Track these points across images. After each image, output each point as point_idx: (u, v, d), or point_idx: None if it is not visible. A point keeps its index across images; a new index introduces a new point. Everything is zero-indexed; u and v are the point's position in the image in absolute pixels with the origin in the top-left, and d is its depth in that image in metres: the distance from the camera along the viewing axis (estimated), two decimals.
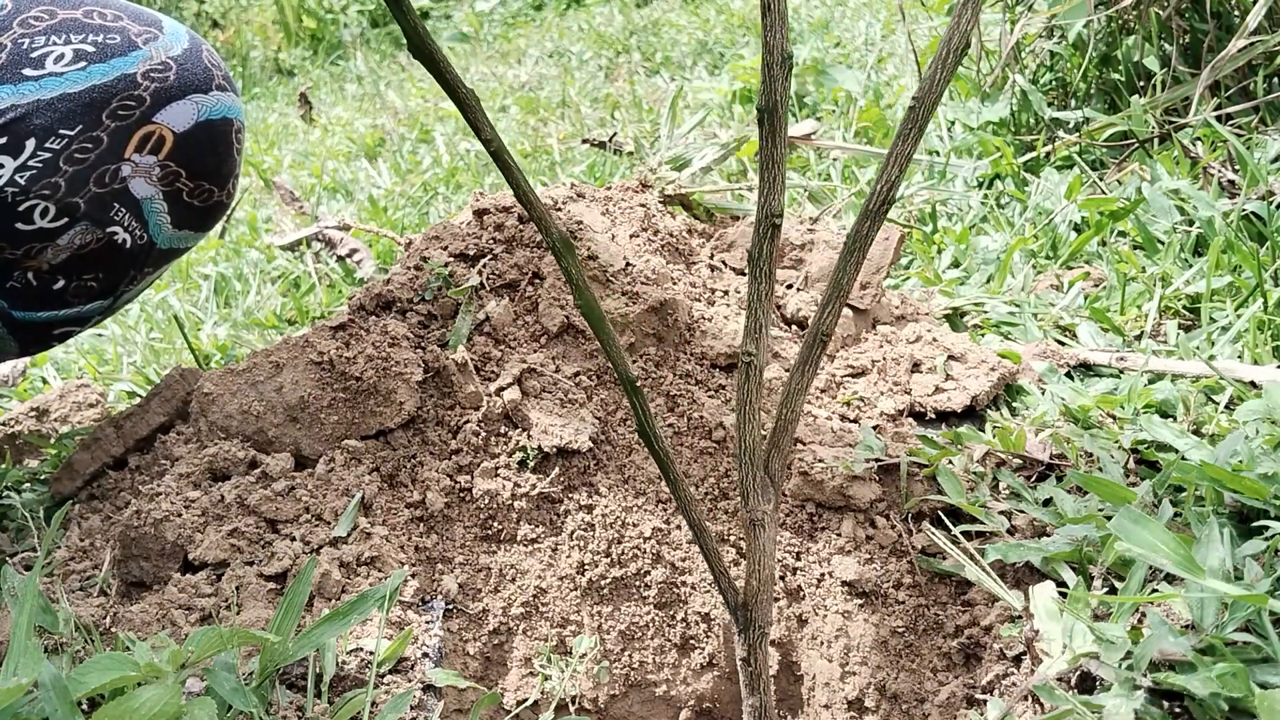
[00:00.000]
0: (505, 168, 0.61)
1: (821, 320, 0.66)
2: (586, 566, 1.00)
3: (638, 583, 1.00)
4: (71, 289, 1.11)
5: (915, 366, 1.06)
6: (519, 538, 1.02)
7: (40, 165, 0.99)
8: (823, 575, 0.98)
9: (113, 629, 0.89)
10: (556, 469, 1.04)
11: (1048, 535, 0.88)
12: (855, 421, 1.05)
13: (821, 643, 0.97)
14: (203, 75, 1.09)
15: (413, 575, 0.97)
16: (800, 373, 0.69)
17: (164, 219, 1.12)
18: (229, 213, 1.23)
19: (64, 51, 1.01)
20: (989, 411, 1.03)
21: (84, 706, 0.66)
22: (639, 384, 0.74)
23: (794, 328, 1.17)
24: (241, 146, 1.17)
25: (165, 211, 1.11)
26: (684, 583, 1.00)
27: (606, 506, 1.02)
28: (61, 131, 1.00)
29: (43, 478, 1.19)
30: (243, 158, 1.19)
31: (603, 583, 0.99)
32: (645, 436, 0.70)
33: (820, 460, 0.97)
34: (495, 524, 1.02)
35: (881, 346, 1.08)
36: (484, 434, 1.06)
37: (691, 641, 0.99)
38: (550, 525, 1.03)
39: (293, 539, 0.98)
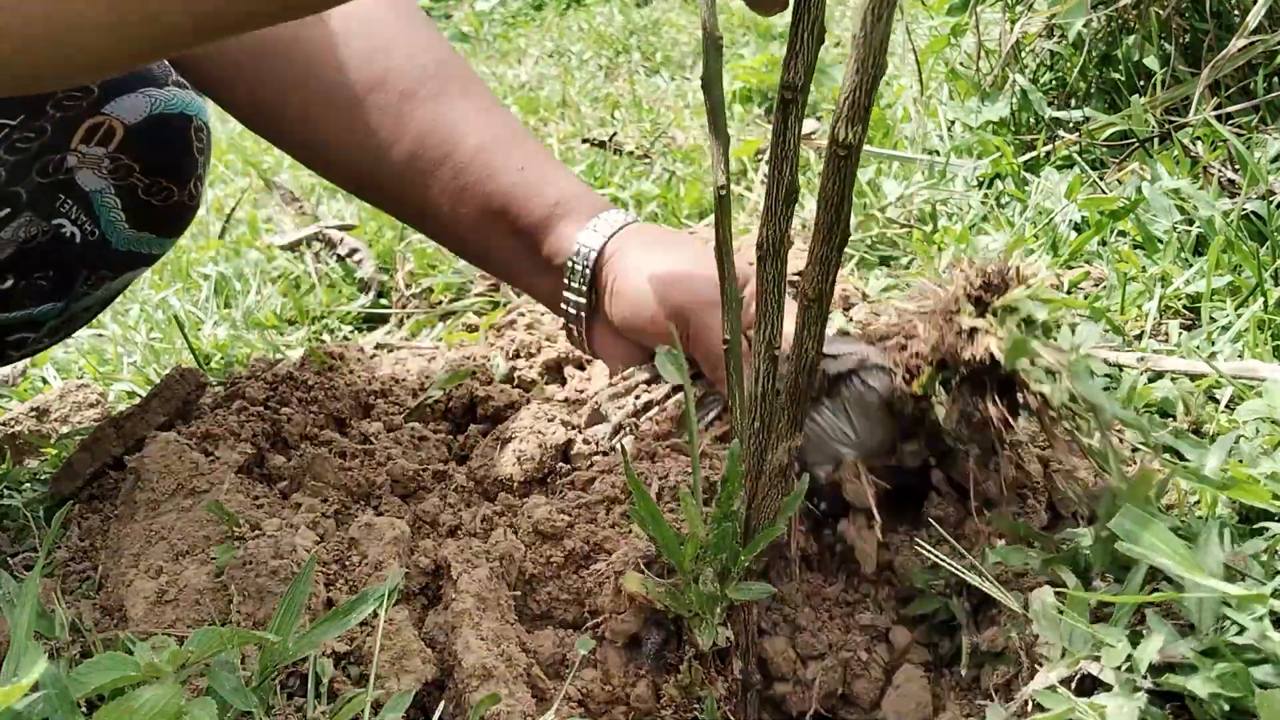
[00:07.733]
0: None
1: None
2: None
3: None
4: (22, 287, 1.07)
5: None
6: None
7: None
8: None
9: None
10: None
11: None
12: None
13: None
14: (158, 69, 1.06)
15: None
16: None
17: (118, 215, 1.07)
18: (195, 216, 1.16)
19: None
20: None
21: (84, 707, 0.66)
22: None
23: None
24: (204, 147, 1.12)
25: (119, 208, 1.07)
26: None
27: None
28: (1, 121, 0.97)
29: (43, 478, 1.19)
30: (207, 160, 1.14)
31: None
32: None
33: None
34: None
35: None
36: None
37: None
38: None
39: None
